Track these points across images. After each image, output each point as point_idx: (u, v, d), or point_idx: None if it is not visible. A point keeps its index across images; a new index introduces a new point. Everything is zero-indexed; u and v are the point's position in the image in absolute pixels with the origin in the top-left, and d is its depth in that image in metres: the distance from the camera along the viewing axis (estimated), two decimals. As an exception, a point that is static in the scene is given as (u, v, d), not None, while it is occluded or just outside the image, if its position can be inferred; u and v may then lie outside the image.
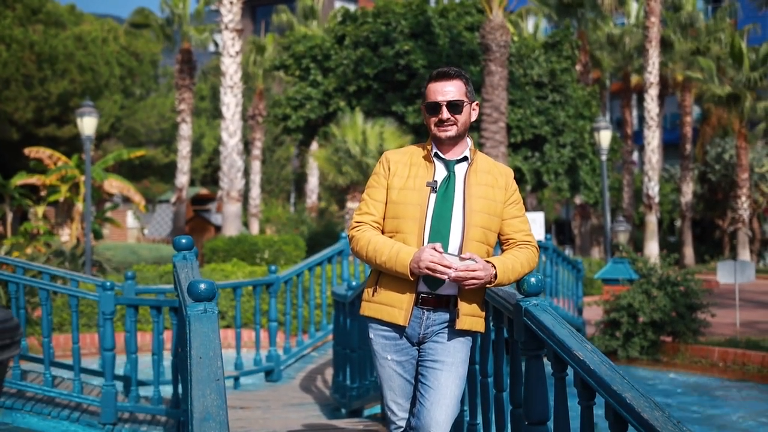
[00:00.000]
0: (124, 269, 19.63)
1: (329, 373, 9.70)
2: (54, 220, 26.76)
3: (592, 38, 33.50)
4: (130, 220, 35.08)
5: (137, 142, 35.17)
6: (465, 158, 3.76)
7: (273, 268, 9.68)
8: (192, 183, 38.45)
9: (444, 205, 3.67)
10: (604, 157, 21.06)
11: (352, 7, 38.91)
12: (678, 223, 37.59)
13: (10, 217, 27.55)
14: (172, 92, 36.06)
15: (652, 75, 26.02)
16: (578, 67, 29.88)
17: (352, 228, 3.78)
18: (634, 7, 34.35)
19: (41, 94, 29.71)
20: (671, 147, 44.38)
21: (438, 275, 3.53)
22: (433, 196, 3.68)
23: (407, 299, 3.66)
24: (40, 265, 9.31)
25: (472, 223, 3.67)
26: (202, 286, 3.50)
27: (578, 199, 30.55)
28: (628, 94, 35.64)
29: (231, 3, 20.73)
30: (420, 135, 22.50)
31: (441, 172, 3.73)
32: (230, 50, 20.99)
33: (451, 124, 3.68)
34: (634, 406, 2.98)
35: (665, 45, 31.62)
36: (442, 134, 3.69)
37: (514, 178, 3.94)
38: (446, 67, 3.78)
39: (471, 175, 3.74)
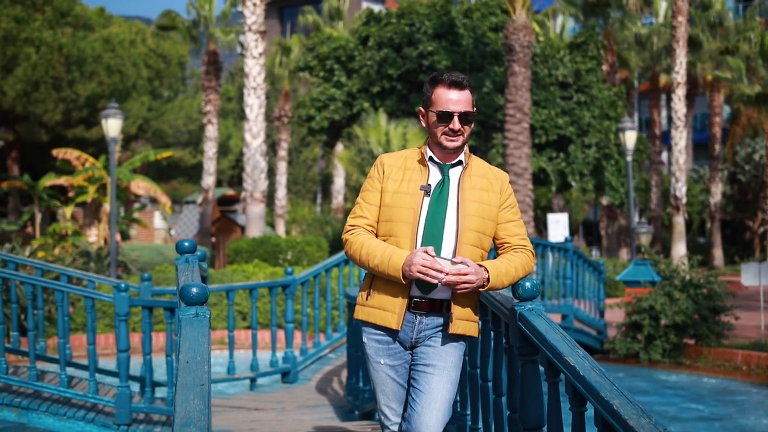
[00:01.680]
0: (150, 270, 19.77)
1: (345, 374, 9.71)
2: (82, 220, 27.01)
3: (620, 38, 33.25)
4: (158, 220, 35.32)
5: (165, 144, 35.39)
6: (460, 162, 3.75)
7: (289, 269, 9.70)
8: (219, 184, 38.66)
9: (438, 209, 3.66)
10: (629, 158, 20.91)
11: (378, 8, 38.92)
12: (708, 224, 37.22)
13: (38, 217, 27.85)
14: (199, 94, 36.24)
15: (680, 75, 25.77)
16: (605, 67, 29.67)
17: (346, 231, 3.77)
18: (662, 6, 34.07)
19: (70, 96, 29.99)
20: (701, 147, 43.99)
21: (429, 279, 3.52)
22: (427, 199, 3.67)
23: (400, 303, 3.65)
24: (58, 267, 9.40)
25: (465, 227, 3.66)
26: (194, 290, 3.51)
27: (605, 200, 30.34)
28: (657, 94, 35.35)
29: (254, 5, 20.81)
30: (444, 136, 22.47)
31: (435, 176, 3.72)
32: (253, 52, 21.06)
33: (460, 135, 3.67)
34: (621, 413, 2.95)
35: (693, 44, 31.31)
36: (451, 144, 3.68)
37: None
38: (456, 73, 3.73)
39: (465, 179, 3.72)
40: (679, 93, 25.89)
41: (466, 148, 3.82)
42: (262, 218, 21.34)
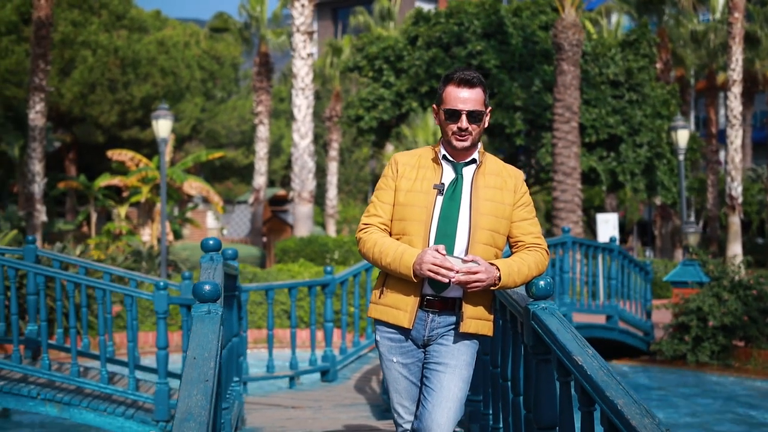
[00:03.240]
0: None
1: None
2: (136, 220, 27.44)
3: (675, 35, 32.74)
4: (211, 220, 35.73)
5: (218, 144, 35.80)
6: (473, 160, 3.73)
7: (329, 269, 9.74)
8: (271, 184, 38.95)
9: (451, 208, 3.65)
10: (681, 157, 20.60)
11: (430, 8, 38.89)
12: (767, 224, 36.46)
13: (94, 217, 28.37)
14: (252, 95, 36.59)
15: (736, 72, 25.30)
16: (658, 65, 29.25)
17: (360, 230, 3.79)
18: (719, 2, 33.47)
19: (125, 98, 30.50)
20: (760, 146, 43.10)
21: (440, 277, 3.51)
22: (440, 198, 3.66)
23: (412, 302, 3.65)
24: (101, 265, 9.56)
25: (478, 225, 3.64)
26: (207, 287, 3.56)
27: (658, 200, 29.93)
28: (714, 92, 34.72)
29: (302, 6, 20.94)
30: (492, 135, 22.36)
31: (449, 175, 3.71)
32: (302, 53, 21.20)
33: (468, 134, 3.65)
34: (624, 412, 2.92)
35: (751, 41, 30.70)
36: (459, 143, 3.66)
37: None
38: (468, 71, 3.71)
39: (479, 177, 3.70)
40: (735, 91, 25.41)
41: (480, 146, 3.80)
42: (309, 218, 21.46)
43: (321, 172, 36.85)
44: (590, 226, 32.85)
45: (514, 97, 21.30)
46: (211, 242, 4.86)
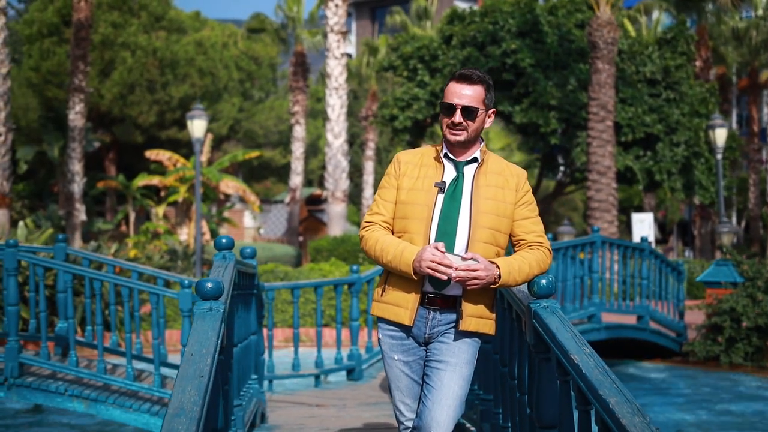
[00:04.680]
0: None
1: (410, 372, 9.72)
2: (174, 219, 27.72)
3: (716, 32, 32.31)
4: (248, 220, 35.97)
5: (256, 144, 36.03)
6: (475, 159, 3.74)
7: (355, 267, 9.77)
8: (309, 183, 39.12)
9: (451, 206, 3.66)
10: (719, 156, 20.33)
11: (467, 6, 38.80)
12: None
13: (132, 216, 28.72)
14: (289, 95, 36.78)
15: (777, 70, 24.95)
16: (698, 63, 28.90)
17: (363, 228, 3.81)
18: (762, -1, 32.97)
19: (163, 98, 30.83)
20: (804, 145, 42.39)
21: (438, 275, 3.52)
22: (441, 196, 3.67)
23: (413, 299, 3.67)
24: (130, 264, 9.68)
25: (479, 224, 3.65)
26: (209, 284, 3.60)
27: (697, 200, 29.57)
28: (756, 90, 34.24)
29: (336, 6, 21.01)
30: (527, 134, 22.26)
31: (450, 173, 3.72)
32: (335, 52, 21.27)
33: (462, 130, 3.66)
34: (615, 411, 2.92)
35: (794, 38, 30.25)
36: (452, 138, 3.68)
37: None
38: (471, 69, 3.74)
39: (480, 176, 3.71)
40: (776, 89, 25.06)
41: (483, 145, 3.80)
42: (343, 217, 21.53)
43: (358, 172, 36.92)
44: (628, 226, 32.56)
45: (549, 96, 21.18)
46: (223, 241, 4.91)
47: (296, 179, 28.71)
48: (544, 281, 3.68)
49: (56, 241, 9.12)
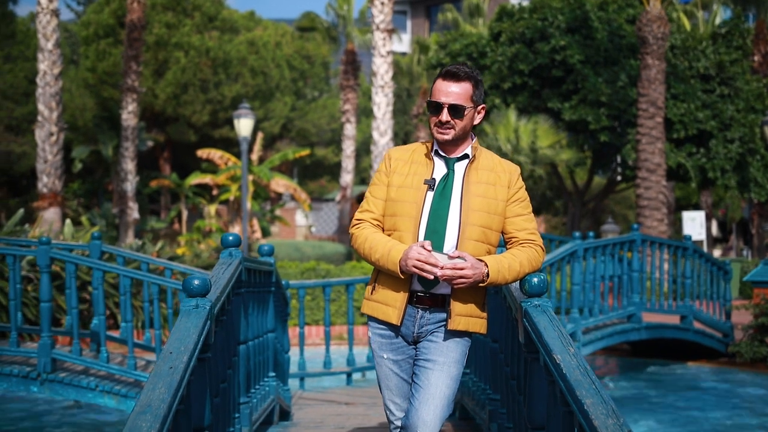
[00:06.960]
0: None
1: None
2: (226, 217, 28.01)
3: (775, 26, 31.58)
4: (300, 218, 36.16)
5: (308, 143, 36.20)
6: (466, 156, 3.68)
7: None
8: (362, 182, 39.18)
9: (441, 204, 3.61)
10: (774, 153, 19.88)
11: (517, 1, 38.54)
12: None
13: (185, 214, 29.08)
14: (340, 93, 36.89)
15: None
16: (756, 58, 28.27)
17: (353, 226, 3.78)
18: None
19: (216, 98, 31.16)
20: None
21: (424, 274, 3.47)
22: (431, 194, 3.62)
23: (401, 298, 3.63)
24: (161, 260, 9.78)
25: (468, 221, 3.59)
26: (195, 282, 3.60)
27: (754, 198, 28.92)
28: (818, 85, 33.33)
29: (382, 3, 20.99)
30: (576, 131, 21.99)
31: (440, 170, 3.67)
32: (381, 50, 21.25)
33: (450, 128, 3.60)
34: (589, 412, 2.85)
35: None
36: (440, 136, 3.63)
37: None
38: (459, 65, 3.67)
39: (471, 173, 3.65)
40: (836, 83, 24.38)
41: (474, 141, 3.74)
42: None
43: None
44: (680, 223, 31.99)
45: (598, 92, 20.89)
46: (230, 238, 4.91)
47: (347, 177, 28.78)
48: (535, 279, 3.62)
49: (91, 238, 9.26)
